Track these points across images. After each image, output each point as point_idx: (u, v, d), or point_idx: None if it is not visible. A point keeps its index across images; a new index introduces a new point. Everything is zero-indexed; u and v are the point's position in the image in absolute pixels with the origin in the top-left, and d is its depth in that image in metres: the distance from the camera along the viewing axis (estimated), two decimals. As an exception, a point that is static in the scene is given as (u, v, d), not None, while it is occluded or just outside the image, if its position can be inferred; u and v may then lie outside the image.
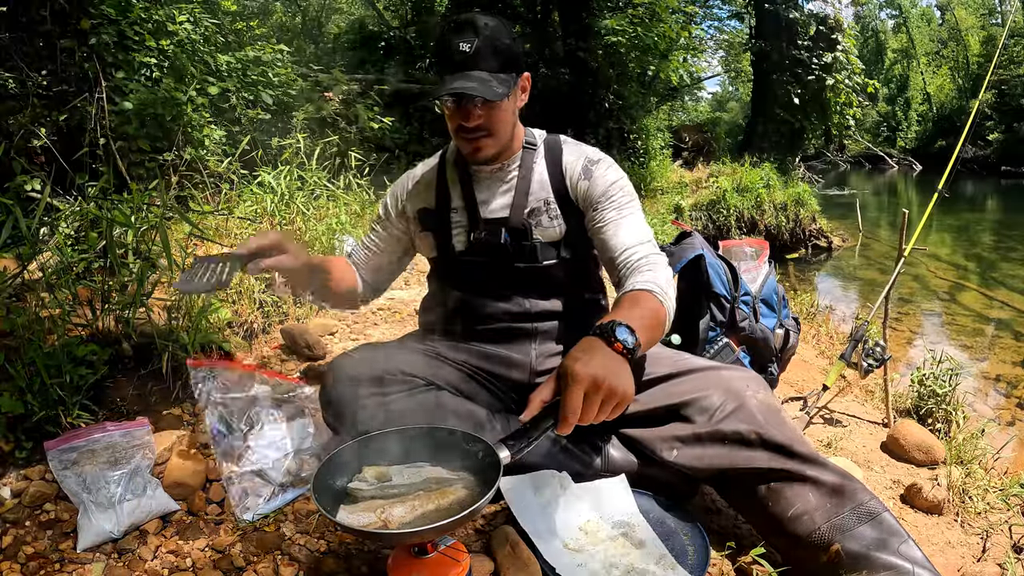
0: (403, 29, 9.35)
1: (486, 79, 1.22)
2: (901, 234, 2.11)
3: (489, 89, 1.22)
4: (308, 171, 2.95)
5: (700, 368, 1.32)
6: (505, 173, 1.41)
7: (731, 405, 1.23)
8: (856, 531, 1.10)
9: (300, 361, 2.14)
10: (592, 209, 1.37)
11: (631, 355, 1.03)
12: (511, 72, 1.27)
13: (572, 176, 1.39)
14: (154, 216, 1.80)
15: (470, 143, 1.31)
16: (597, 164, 1.40)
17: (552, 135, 1.47)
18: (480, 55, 1.22)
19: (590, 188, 1.37)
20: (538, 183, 1.40)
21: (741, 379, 1.28)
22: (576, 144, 1.46)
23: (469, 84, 1.21)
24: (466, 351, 1.44)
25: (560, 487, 1.27)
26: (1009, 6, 25.05)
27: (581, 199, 1.38)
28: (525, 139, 1.43)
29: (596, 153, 1.43)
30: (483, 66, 1.22)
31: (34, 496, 1.28)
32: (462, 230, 1.42)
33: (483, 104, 1.26)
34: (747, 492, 1.20)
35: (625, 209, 1.36)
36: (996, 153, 20.89)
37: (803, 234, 8.44)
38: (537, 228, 1.39)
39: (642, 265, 1.27)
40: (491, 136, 1.31)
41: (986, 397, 3.56)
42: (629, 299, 1.19)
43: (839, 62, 11.36)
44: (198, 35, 3.68)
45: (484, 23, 1.23)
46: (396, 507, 1.00)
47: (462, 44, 1.22)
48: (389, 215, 1.51)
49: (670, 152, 10.34)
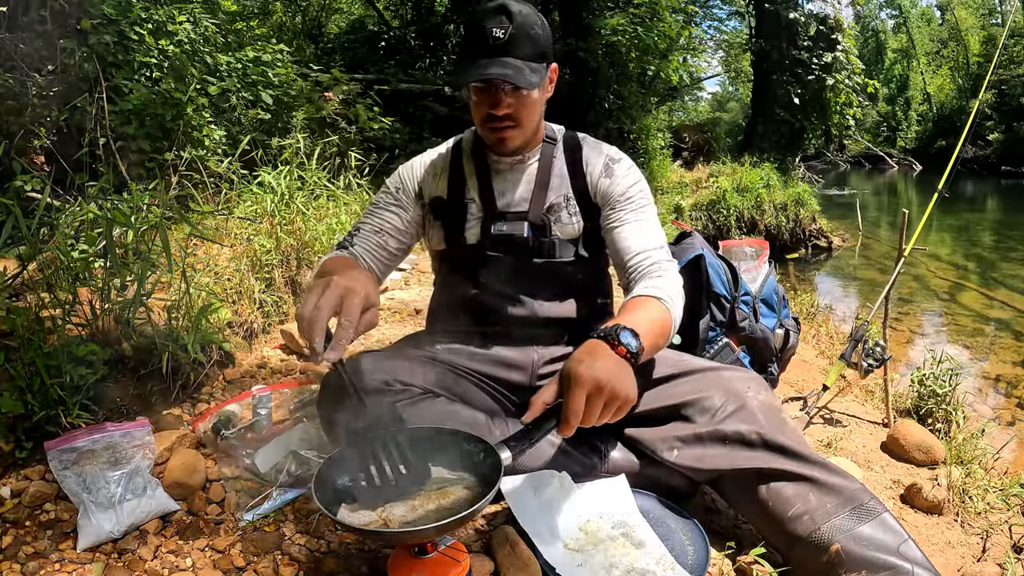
0: (403, 29, 9.35)
1: (519, 66, 1.19)
2: (901, 234, 2.11)
3: (523, 77, 1.19)
4: (308, 171, 2.95)
5: (701, 369, 1.32)
6: (525, 166, 1.39)
7: (732, 406, 1.23)
8: (856, 531, 1.10)
9: (300, 361, 2.14)
10: (609, 208, 1.36)
11: (634, 360, 1.03)
12: (542, 62, 1.24)
13: (593, 173, 1.38)
14: (154, 216, 1.80)
15: (495, 132, 1.29)
16: (619, 163, 1.39)
17: (571, 131, 1.45)
18: (514, 42, 1.19)
19: (610, 186, 1.36)
20: (558, 178, 1.39)
21: (742, 380, 1.28)
22: (596, 142, 1.44)
23: (504, 71, 1.18)
24: (466, 354, 1.43)
25: (560, 487, 1.27)
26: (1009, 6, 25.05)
27: (600, 197, 1.37)
28: (545, 133, 1.41)
29: (617, 152, 1.42)
30: (517, 53, 1.20)
31: (34, 496, 1.28)
32: (476, 222, 1.39)
33: (512, 93, 1.23)
34: (747, 492, 1.20)
35: (642, 212, 1.35)
36: (996, 153, 20.88)
37: (803, 234, 8.44)
38: (556, 224, 1.37)
39: (653, 271, 1.26)
40: (518, 127, 1.28)
41: (986, 397, 3.56)
42: (636, 304, 1.19)
43: (839, 62, 11.36)
44: (198, 35, 3.68)
45: (519, 10, 1.21)
46: (397, 507, 1.00)
47: (496, 30, 1.18)
48: (401, 196, 1.42)
49: (670, 152, 10.34)
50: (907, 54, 30.61)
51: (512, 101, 1.24)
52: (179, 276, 1.89)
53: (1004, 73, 20.64)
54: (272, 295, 2.38)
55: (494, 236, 1.36)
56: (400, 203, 1.42)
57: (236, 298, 2.24)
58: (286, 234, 2.55)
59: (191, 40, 3.58)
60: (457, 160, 1.43)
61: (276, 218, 2.53)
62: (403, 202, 1.42)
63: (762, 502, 1.17)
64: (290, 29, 8.85)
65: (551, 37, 1.29)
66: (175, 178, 2.36)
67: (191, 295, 1.87)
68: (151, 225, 1.85)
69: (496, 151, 1.37)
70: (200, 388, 1.83)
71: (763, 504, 1.17)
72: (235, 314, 2.16)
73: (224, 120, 3.74)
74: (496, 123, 1.27)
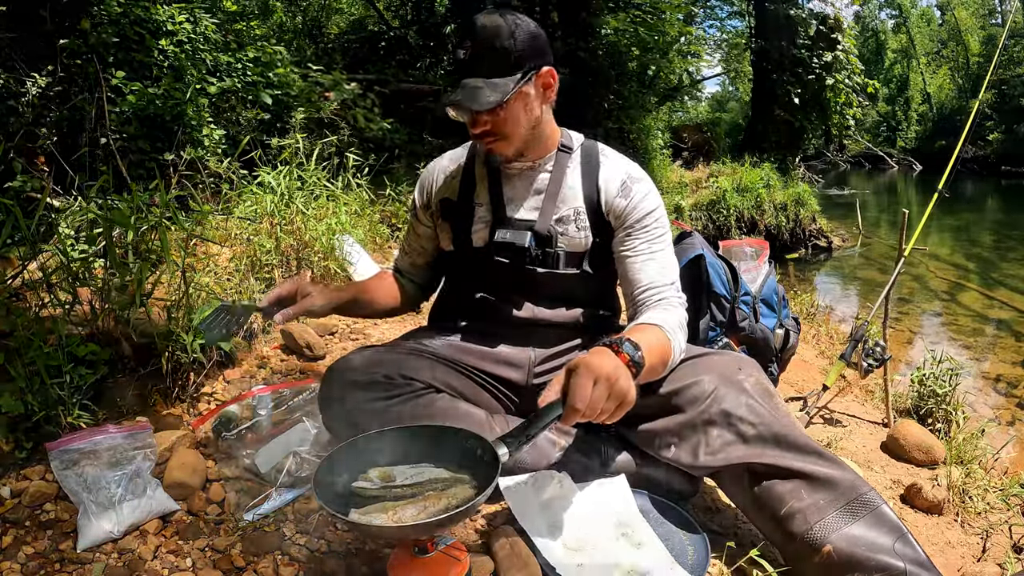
0: (403, 29, 9.35)
1: (479, 86, 1.19)
2: (901, 234, 2.11)
3: (477, 98, 1.18)
4: (307, 171, 2.95)
5: (690, 356, 1.31)
6: (535, 173, 1.37)
7: (723, 390, 1.22)
8: (847, 531, 1.09)
9: (300, 361, 2.14)
10: (624, 232, 1.33)
11: (635, 369, 1.04)
12: (514, 72, 1.21)
13: (608, 190, 1.35)
14: (154, 217, 1.80)
15: (484, 145, 1.30)
16: (639, 183, 1.35)
17: (590, 141, 1.43)
18: (476, 60, 1.20)
19: (627, 209, 1.33)
20: (570, 189, 1.37)
21: (732, 363, 1.28)
22: (618, 156, 1.41)
23: (458, 97, 1.20)
24: (465, 351, 1.43)
25: (560, 487, 1.27)
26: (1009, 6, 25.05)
27: (614, 216, 1.34)
28: (561, 141, 1.38)
29: (637, 171, 1.39)
30: (479, 71, 1.20)
31: (34, 496, 1.28)
32: (484, 226, 1.39)
33: (484, 111, 1.22)
34: (742, 488, 1.20)
35: (656, 243, 1.33)
36: (996, 153, 20.87)
37: (803, 234, 8.44)
38: (563, 237, 1.36)
39: (660, 305, 1.26)
40: (503, 138, 1.28)
41: (986, 397, 3.56)
42: (639, 328, 1.20)
43: (839, 62, 11.35)
44: (198, 35, 3.68)
45: (482, 25, 1.19)
46: (408, 508, 1.00)
47: (460, 51, 1.21)
48: (418, 214, 1.51)
49: (670, 152, 10.34)
50: (907, 54, 30.60)
51: (487, 118, 1.24)
52: (179, 276, 1.89)
53: (1004, 73, 20.63)
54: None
55: (497, 242, 1.36)
56: (418, 220, 1.52)
57: (236, 298, 2.24)
58: (286, 234, 2.55)
59: (191, 40, 3.58)
60: (470, 163, 1.44)
61: (276, 218, 2.53)
62: (420, 219, 1.51)
63: (756, 498, 1.18)
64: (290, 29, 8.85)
65: (537, 41, 1.24)
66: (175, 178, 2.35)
67: (191, 295, 1.87)
68: (151, 225, 1.85)
69: (493, 158, 1.37)
70: (200, 388, 1.83)
71: (757, 500, 1.18)
72: (235, 314, 2.15)
73: (224, 120, 3.74)
74: (480, 138, 1.29)
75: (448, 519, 0.92)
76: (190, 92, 3.21)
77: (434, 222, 1.48)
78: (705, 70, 13.37)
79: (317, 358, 2.16)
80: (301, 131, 3.22)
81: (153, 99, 3.06)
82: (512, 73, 1.21)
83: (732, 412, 1.19)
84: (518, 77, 1.22)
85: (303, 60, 5.44)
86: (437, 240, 1.50)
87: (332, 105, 4.46)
